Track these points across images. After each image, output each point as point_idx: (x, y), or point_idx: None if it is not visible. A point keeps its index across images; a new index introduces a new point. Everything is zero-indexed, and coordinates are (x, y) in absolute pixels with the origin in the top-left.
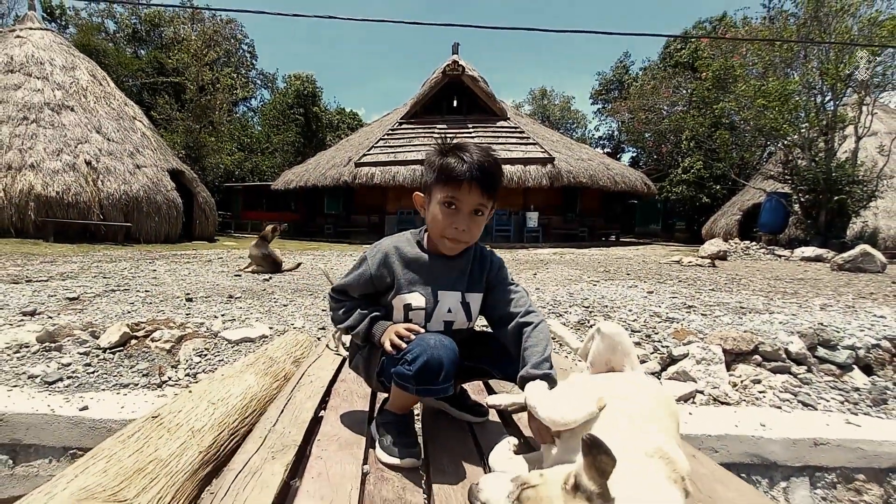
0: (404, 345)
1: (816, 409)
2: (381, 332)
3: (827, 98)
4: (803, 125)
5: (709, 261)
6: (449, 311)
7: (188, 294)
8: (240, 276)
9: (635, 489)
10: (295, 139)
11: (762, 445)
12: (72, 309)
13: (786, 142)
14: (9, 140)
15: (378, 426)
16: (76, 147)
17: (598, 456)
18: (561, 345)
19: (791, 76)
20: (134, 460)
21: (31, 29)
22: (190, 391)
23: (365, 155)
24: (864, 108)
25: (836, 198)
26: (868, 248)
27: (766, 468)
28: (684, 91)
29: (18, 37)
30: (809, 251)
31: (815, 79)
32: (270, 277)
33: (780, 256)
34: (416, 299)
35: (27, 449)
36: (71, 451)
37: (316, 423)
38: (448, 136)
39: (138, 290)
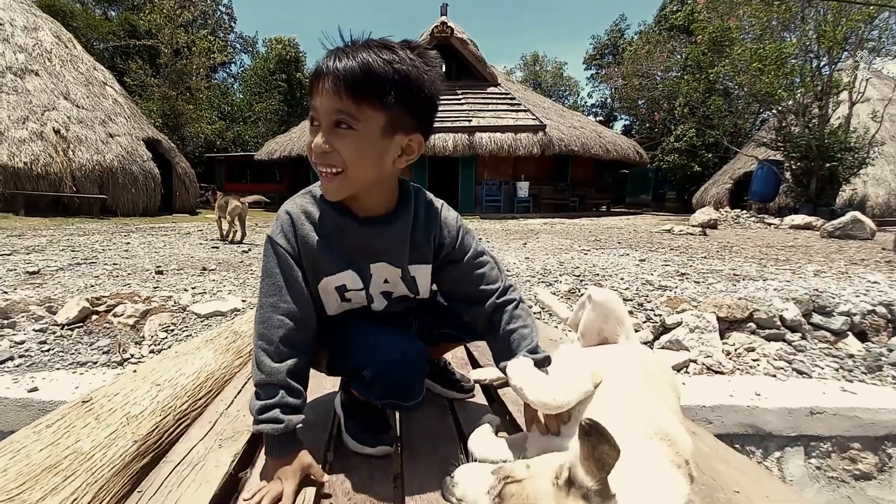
0: None
1: (811, 377)
2: (272, 458)
3: (823, 63)
4: (798, 90)
5: (700, 229)
6: (386, 281)
7: (159, 267)
8: (217, 247)
9: (637, 479)
10: (278, 107)
11: (758, 415)
12: (30, 283)
13: (780, 108)
14: None
15: (344, 407)
16: (43, 114)
17: (599, 445)
18: (550, 315)
19: (788, 39)
20: (46, 454)
21: None
22: (135, 371)
23: None
24: (859, 72)
25: (827, 165)
26: (858, 214)
27: (761, 438)
28: (679, 56)
29: None
30: (799, 219)
31: (811, 42)
32: (249, 249)
33: (769, 224)
34: (350, 279)
35: None
36: None
37: None
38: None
39: (106, 263)
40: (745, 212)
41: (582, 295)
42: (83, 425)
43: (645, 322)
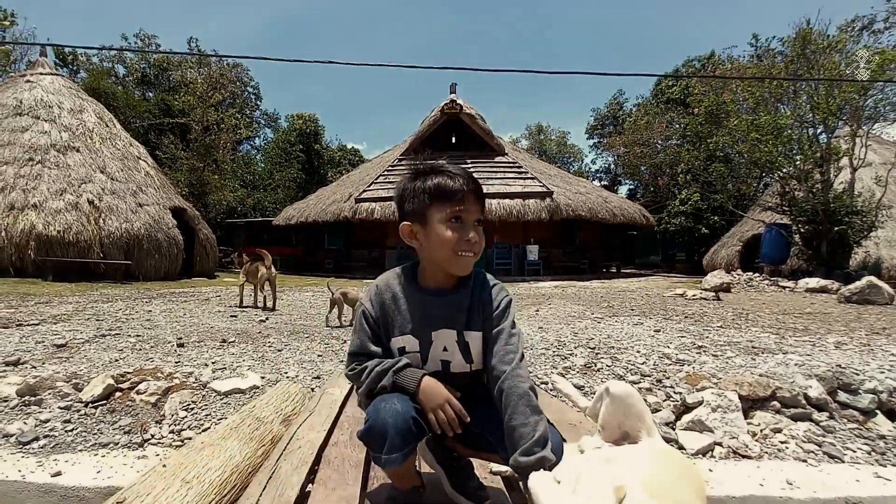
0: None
1: (843, 461)
2: (414, 384)
3: (819, 131)
4: (797, 157)
5: (713, 294)
6: (444, 349)
7: (180, 339)
8: (236, 316)
9: None
10: (297, 175)
11: None
12: (58, 357)
13: (781, 173)
14: (13, 181)
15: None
16: (79, 186)
17: None
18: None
19: (782, 110)
20: None
21: (41, 74)
22: (164, 466)
23: (365, 191)
24: (858, 139)
25: (835, 228)
26: (874, 279)
27: None
28: (677, 125)
29: (28, 81)
30: (814, 282)
31: (806, 112)
32: (267, 318)
33: (784, 288)
34: (409, 342)
35: None
36: None
37: (303, 499)
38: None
39: (129, 335)
40: (757, 274)
41: (598, 370)
42: None
43: (665, 401)
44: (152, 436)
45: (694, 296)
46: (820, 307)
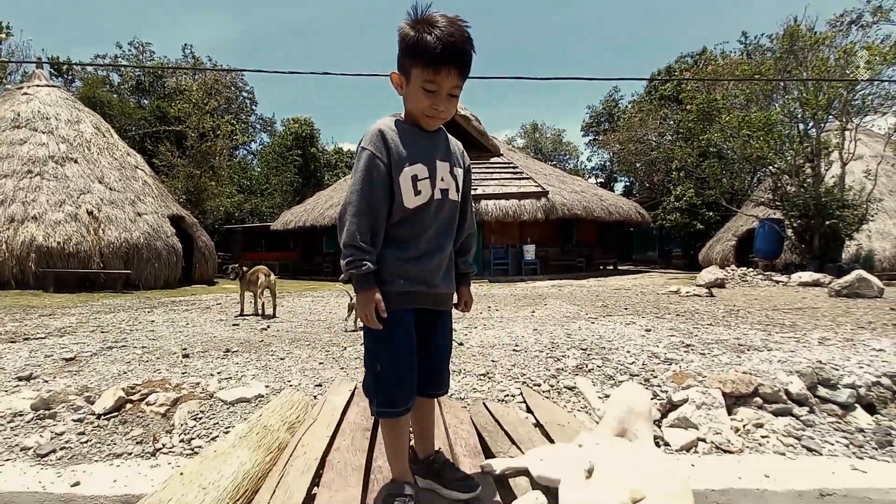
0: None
1: (821, 454)
2: (361, 292)
3: (809, 126)
4: (788, 153)
5: (706, 290)
6: (442, 179)
7: (185, 349)
8: (237, 324)
9: None
10: (293, 179)
11: (767, 499)
12: (67, 371)
13: (773, 169)
14: (12, 193)
15: (377, 497)
16: (78, 197)
17: None
18: (585, 403)
19: (773, 106)
20: None
21: (37, 86)
22: (181, 474)
23: None
24: (847, 133)
25: (827, 222)
26: (864, 273)
27: None
28: (671, 122)
29: (25, 94)
30: (807, 276)
31: (796, 108)
32: (268, 326)
33: (777, 282)
34: (420, 170)
35: None
36: None
37: (309, 501)
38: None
39: (135, 347)
40: (751, 269)
41: (590, 371)
42: None
43: (652, 399)
44: (163, 445)
45: (688, 293)
46: (810, 302)
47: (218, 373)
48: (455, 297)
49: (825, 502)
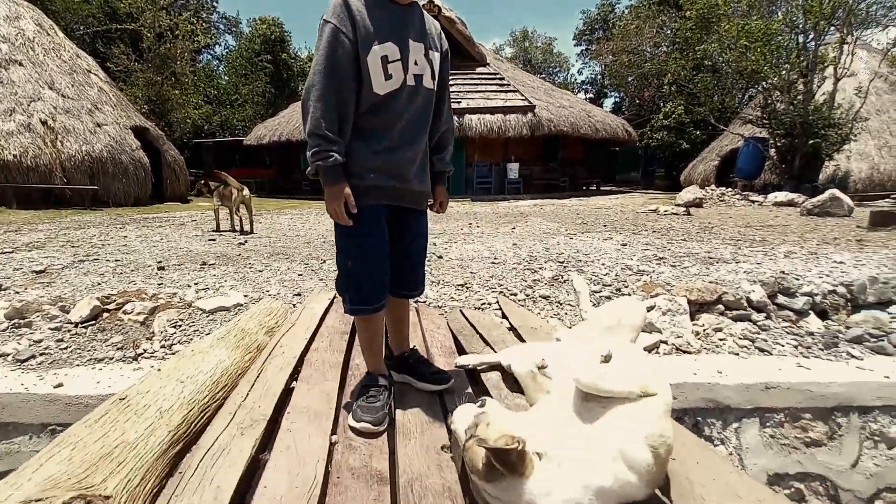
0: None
1: (772, 354)
2: (328, 185)
3: (809, 37)
4: (784, 66)
5: (684, 209)
6: (416, 63)
7: (160, 262)
8: (214, 240)
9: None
10: (265, 89)
11: (718, 391)
12: (39, 283)
13: (766, 84)
14: None
15: (353, 390)
16: (29, 105)
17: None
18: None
19: (776, 15)
20: (100, 445)
21: None
22: (159, 370)
23: None
24: (846, 46)
25: (811, 142)
26: (837, 192)
27: (721, 412)
28: (668, 31)
29: None
30: (782, 196)
31: (798, 17)
32: (246, 241)
33: (753, 202)
34: (391, 50)
35: (6, 427)
36: (50, 427)
37: (287, 394)
38: None
39: (108, 260)
40: (730, 189)
41: (566, 282)
42: (125, 420)
43: None
44: (145, 351)
45: (666, 212)
46: (782, 220)
47: (195, 284)
48: (430, 197)
49: (769, 394)
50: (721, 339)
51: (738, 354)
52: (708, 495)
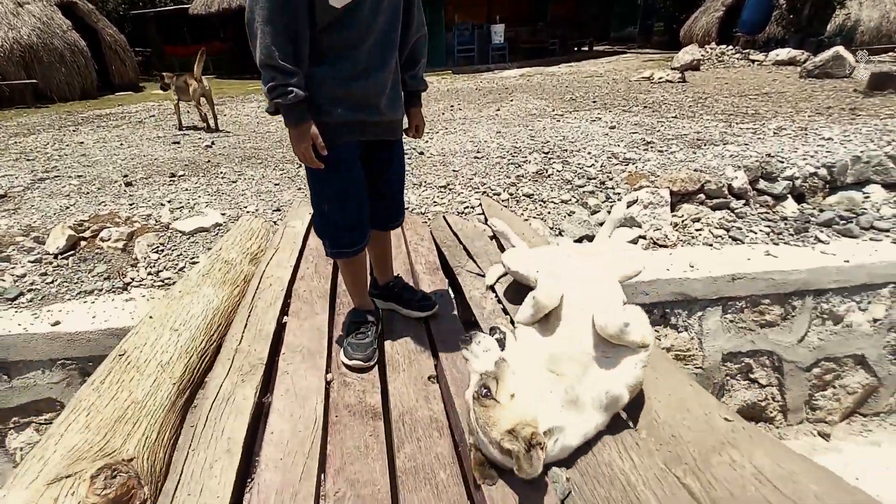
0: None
1: (744, 243)
2: (292, 126)
3: None
4: None
5: (679, 74)
6: None
7: (126, 176)
8: (178, 142)
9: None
10: None
11: (687, 285)
12: (4, 210)
13: None
14: None
15: (342, 326)
16: None
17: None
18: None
19: None
20: (112, 409)
21: None
22: (150, 317)
23: None
24: None
25: None
26: (841, 50)
27: (688, 303)
28: None
29: None
30: (784, 53)
31: None
32: (213, 143)
33: (753, 61)
34: None
35: (17, 364)
36: (59, 362)
37: (280, 330)
38: None
39: (70, 176)
40: (730, 48)
41: (549, 177)
42: (130, 378)
43: (605, 202)
44: (132, 279)
45: (660, 79)
46: (778, 85)
47: (168, 202)
48: (405, 121)
49: (735, 285)
50: (698, 230)
51: (711, 245)
52: (661, 409)
